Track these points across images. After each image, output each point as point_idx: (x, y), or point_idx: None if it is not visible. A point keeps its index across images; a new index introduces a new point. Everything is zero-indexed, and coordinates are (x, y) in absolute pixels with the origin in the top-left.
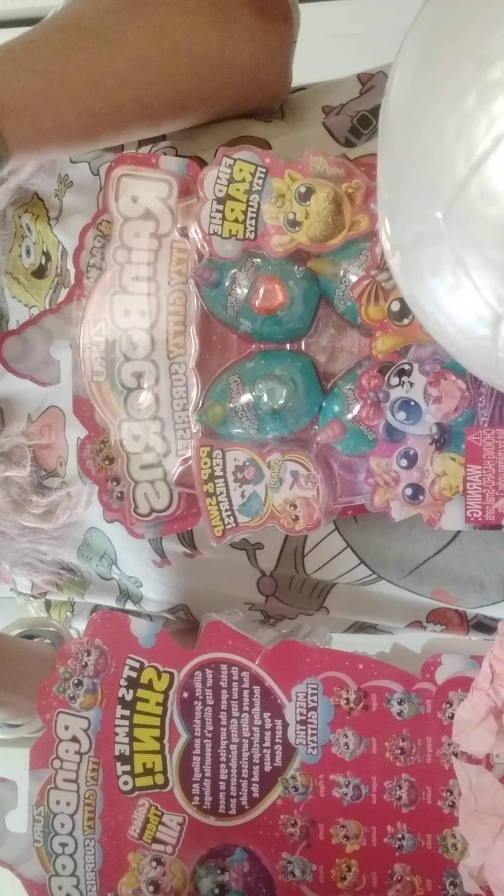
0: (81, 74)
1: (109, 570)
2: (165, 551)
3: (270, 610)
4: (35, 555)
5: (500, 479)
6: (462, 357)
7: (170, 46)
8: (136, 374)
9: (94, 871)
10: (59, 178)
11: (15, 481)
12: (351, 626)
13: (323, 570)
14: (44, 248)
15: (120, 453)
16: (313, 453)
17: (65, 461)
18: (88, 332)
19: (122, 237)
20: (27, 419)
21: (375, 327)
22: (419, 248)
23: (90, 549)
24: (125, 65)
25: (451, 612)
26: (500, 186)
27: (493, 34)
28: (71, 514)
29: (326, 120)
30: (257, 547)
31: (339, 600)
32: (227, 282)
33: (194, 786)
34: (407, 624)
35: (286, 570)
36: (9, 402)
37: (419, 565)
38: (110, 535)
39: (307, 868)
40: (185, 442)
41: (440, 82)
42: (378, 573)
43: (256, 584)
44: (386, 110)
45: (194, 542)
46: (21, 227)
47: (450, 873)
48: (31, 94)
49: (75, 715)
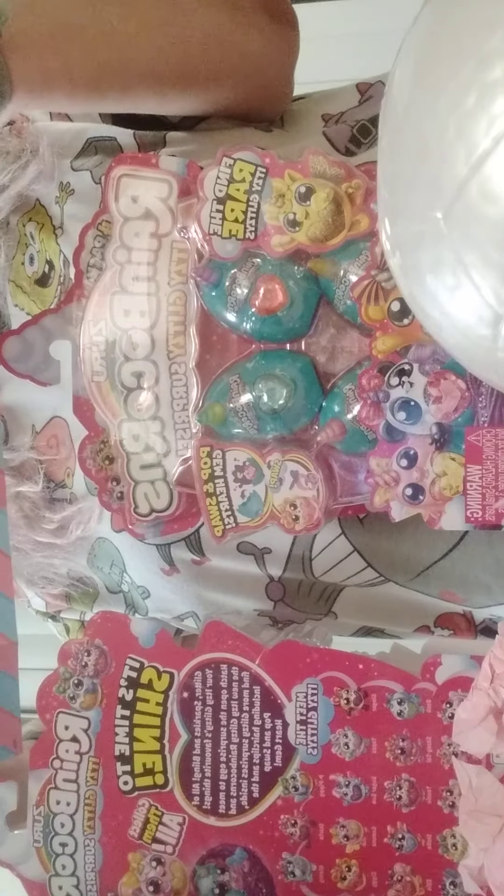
0: (94, 26)
1: (121, 579)
2: (174, 559)
3: (279, 615)
4: (50, 569)
5: (500, 479)
6: (462, 357)
7: (182, 20)
8: (136, 374)
9: (94, 871)
10: (61, 185)
11: (27, 496)
12: (358, 631)
13: (331, 573)
14: (46, 256)
15: (120, 453)
16: (313, 453)
17: (72, 472)
18: (88, 332)
19: (122, 237)
20: (31, 430)
21: (375, 327)
22: (419, 248)
23: (98, 559)
24: (138, 26)
25: (458, 616)
26: (500, 186)
27: (493, 34)
28: (84, 528)
29: (326, 129)
30: (265, 551)
31: (347, 604)
32: (227, 282)
33: (194, 786)
34: (415, 629)
35: (294, 574)
36: (13, 413)
37: (426, 568)
38: (118, 544)
39: (307, 868)
40: (185, 442)
41: (440, 82)
42: (385, 576)
43: (265, 589)
44: (386, 110)
45: (202, 549)
46: (25, 235)
47: (450, 873)
48: (40, 35)
49: (75, 715)
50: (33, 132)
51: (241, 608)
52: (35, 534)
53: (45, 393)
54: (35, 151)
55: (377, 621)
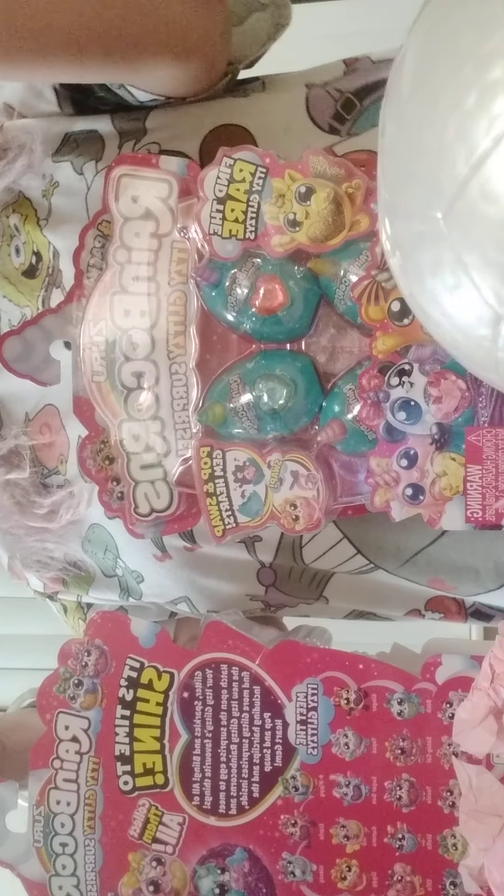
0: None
1: (115, 564)
2: (166, 545)
3: (271, 600)
4: (44, 553)
5: (500, 479)
6: (462, 357)
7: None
8: (136, 374)
9: (94, 871)
10: (46, 178)
11: (17, 483)
12: (350, 614)
13: (321, 561)
14: (34, 248)
15: (120, 453)
16: (313, 453)
17: (65, 459)
18: (88, 332)
19: (122, 237)
20: (25, 418)
21: (375, 327)
22: (419, 248)
23: (93, 545)
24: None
25: (448, 600)
26: (501, 186)
27: (493, 34)
28: (74, 512)
29: (309, 92)
30: (255, 539)
31: (338, 589)
32: (227, 282)
33: (194, 786)
34: (405, 612)
35: (285, 560)
36: (4, 403)
37: (414, 554)
38: (112, 531)
39: (307, 868)
40: (185, 442)
41: (440, 82)
42: (375, 563)
43: (256, 574)
44: (386, 110)
45: (194, 537)
46: (9, 227)
47: (450, 873)
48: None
49: (75, 715)
50: (21, 128)
51: (232, 593)
52: (27, 519)
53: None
54: (23, 146)
55: (368, 605)
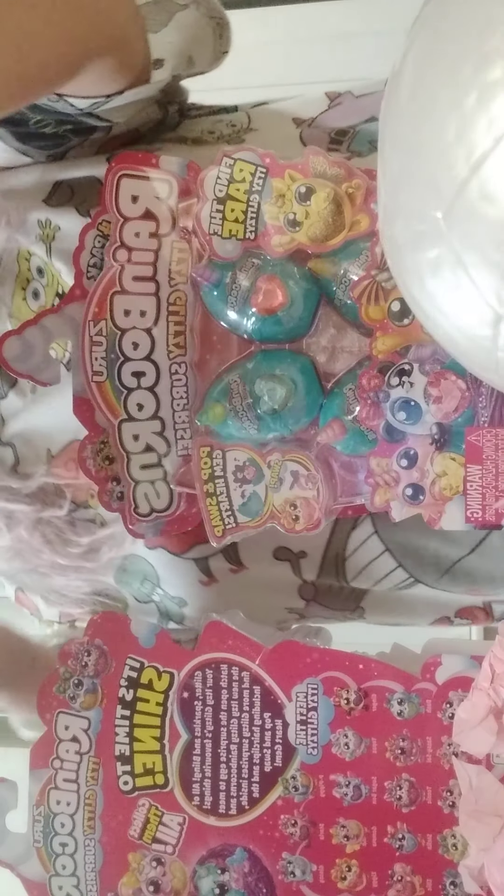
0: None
1: (152, 592)
2: (212, 570)
3: (309, 613)
4: (68, 589)
5: (500, 479)
6: (462, 357)
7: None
8: (136, 374)
9: (94, 871)
10: (40, 223)
11: (50, 521)
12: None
13: (362, 577)
14: (58, 289)
15: (120, 453)
16: (313, 453)
17: (94, 493)
18: (88, 332)
19: (122, 237)
20: (47, 455)
21: (375, 327)
22: (419, 248)
23: (128, 575)
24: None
25: (478, 609)
26: (500, 186)
27: (493, 34)
28: (117, 550)
29: (301, 132)
30: (300, 556)
31: (375, 601)
32: (228, 282)
33: (194, 786)
34: (434, 620)
35: (328, 579)
36: (26, 439)
37: (453, 564)
38: (153, 561)
39: (307, 868)
40: (185, 442)
41: (440, 82)
42: (415, 576)
43: (298, 590)
44: (386, 110)
45: (240, 559)
46: (30, 270)
47: (450, 873)
48: None
49: (75, 715)
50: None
51: (273, 606)
52: (59, 557)
53: (63, 418)
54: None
55: (403, 618)
